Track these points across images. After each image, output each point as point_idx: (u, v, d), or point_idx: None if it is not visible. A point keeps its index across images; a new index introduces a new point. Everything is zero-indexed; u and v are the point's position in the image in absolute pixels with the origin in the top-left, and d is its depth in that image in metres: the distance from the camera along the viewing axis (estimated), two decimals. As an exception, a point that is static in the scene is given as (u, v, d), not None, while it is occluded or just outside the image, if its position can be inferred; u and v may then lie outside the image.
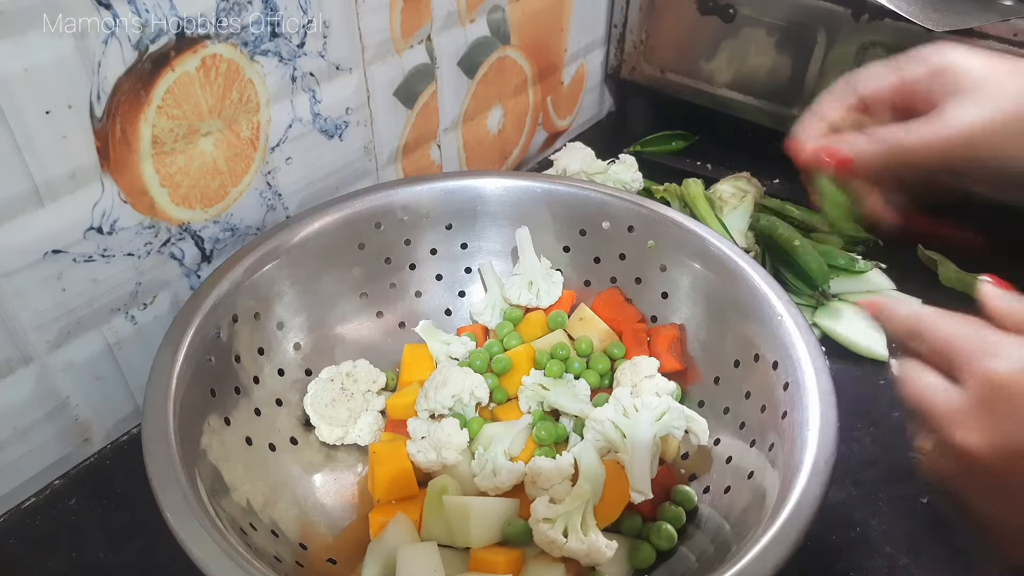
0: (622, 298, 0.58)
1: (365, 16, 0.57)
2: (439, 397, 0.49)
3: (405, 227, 0.57)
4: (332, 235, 0.53)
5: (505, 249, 0.59)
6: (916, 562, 0.48)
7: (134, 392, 0.54)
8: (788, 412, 0.42)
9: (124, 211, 0.47)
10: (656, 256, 0.55)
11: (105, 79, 0.43)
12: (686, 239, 0.53)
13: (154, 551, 0.47)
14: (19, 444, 0.48)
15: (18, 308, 0.44)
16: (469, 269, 0.60)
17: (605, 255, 0.58)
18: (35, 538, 0.48)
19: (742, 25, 0.78)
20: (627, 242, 0.56)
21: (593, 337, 0.56)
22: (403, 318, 0.58)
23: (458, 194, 0.57)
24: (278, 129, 0.55)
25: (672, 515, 0.46)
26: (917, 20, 0.63)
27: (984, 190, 0.40)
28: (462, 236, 0.59)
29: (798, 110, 0.78)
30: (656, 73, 0.87)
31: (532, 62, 0.78)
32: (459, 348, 0.55)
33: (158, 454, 0.37)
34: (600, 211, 0.56)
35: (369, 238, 0.55)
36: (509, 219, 0.58)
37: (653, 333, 0.55)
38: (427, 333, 0.56)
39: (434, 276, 0.59)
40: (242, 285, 0.48)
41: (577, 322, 0.57)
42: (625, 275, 0.57)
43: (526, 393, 0.52)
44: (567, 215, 0.58)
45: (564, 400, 0.51)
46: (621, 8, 0.86)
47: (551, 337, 0.56)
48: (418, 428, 0.49)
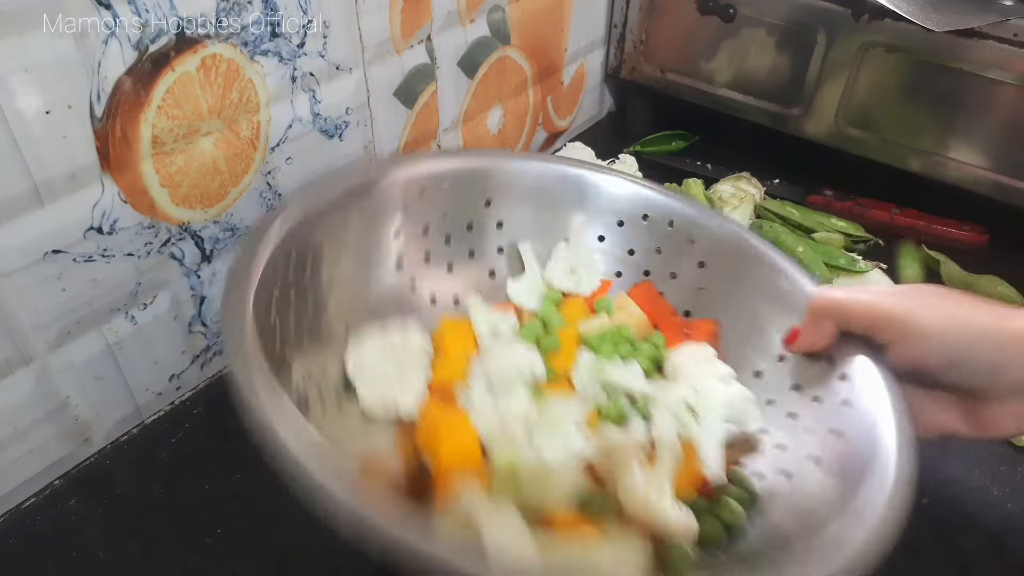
0: (655, 292, 0.58)
1: (365, 16, 0.57)
2: (502, 370, 0.49)
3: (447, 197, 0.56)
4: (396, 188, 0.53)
5: (541, 234, 0.59)
6: (916, 562, 0.48)
7: (134, 392, 0.54)
8: (848, 401, 0.42)
9: (124, 211, 0.47)
10: (695, 252, 0.56)
11: (105, 79, 0.43)
12: (727, 238, 0.54)
13: (154, 551, 0.47)
14: (19, 444, 0.48)
15: (18, 308, 0.44)
16: (501, 249, 0.59)
17: (640, 248, 0.58)
18: (35, 538, 0.48)
19: (742, 25, 0.78)
20: (665, 237, 0.57)
21: (632, 325, 0.56)
22: (434, 291, 0.57)
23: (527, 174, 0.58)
24: (278, 129, 0.55)
25: (736, 495, 0.46)
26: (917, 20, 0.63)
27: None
28: (499, 214, 0.58)
29: (798, 110, 0.79)
30: (656, 73, 0.87)
31: (532, 62, 0.78)
32: (505, 326, 0.55)
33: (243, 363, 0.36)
34: (643, 204, 0.57)
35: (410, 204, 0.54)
36: (546, 202, 0.58)
37: (690, 327, 0.56)
38: (475, 309, 0.55)
39: (467, 252, 0.58)
40: (296, 230, 0.46)
41: (618, 310, 0.57)
42: (660, 269, 0.58)
43: (581, 373, 0.52)
44: (607, 206, 0.58)
45: (626, 379, 0.51)
46: (621, 8, 0.86)
47: (597, 321, 0.56)
48: (480, 400, 0.48)
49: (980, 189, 0.70)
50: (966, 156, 0.70)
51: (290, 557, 0.47)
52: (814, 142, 0.78)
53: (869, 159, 0.76)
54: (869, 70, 0.72)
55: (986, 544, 0.49)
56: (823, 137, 0.78)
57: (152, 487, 0.51)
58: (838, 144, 0.77)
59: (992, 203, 0.70)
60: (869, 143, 0.75)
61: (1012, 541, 0.49)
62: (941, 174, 0.72)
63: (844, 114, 0.75)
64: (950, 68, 0.67)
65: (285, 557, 0.47)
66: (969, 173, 0.70)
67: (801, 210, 0.76)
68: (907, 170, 0.74)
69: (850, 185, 0.79)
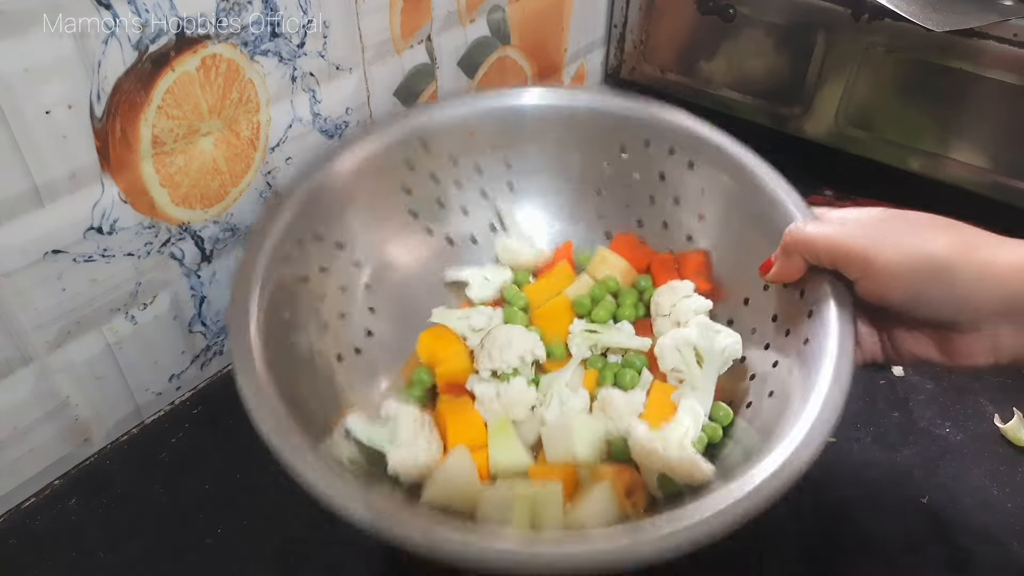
0: (636, 241, 0.59)
1: (365, 16, 0.57)
2: (506, 357, 0.50)
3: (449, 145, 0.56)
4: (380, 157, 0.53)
5: (547, 167, 0.59)
6: (916, 562, 0.48)
7: (134, 392, 0.54)
8: (809, 339, 0.43)
9: (124, 211, 0.47)
10: (695, 179, 0.55)
11: (105, 79, 0.43)
12: (725, 162, 0.54)
13: (154, 551, 0.47)
14: (19, 444, 0.48)
15: (18, 308, 0.44)
16: (511, 185, 0.59)
17: (644, 174, 0.58)
18: (35, 538, 0.48)
19: (742, 25, 0.78)
20: (667, 163, 0.56)
21: (616, 275, 0.57)
22: (450, 234, 0.58)
23: (498, 112, 0.57)
24: (278, 129, 0.55)
25: (720, 415, 0.48)
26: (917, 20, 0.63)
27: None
28: (504, 154, 0.58)
29: (798, 110, 0.79)
30: (656, 73, 0.87)
31: (532, 62, 0.78)
32: (480, 319, 0.55)
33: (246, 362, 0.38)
34: (644, 128, 0.56)
35: (418, 157, 0.55)
36: (550, 138, 0.58)
37: (681, 260, 0.57)
38: (442, 316, 0.55)
39: (480, 193, 0.59)
40: (302, 211, 0.48)
41: (599, 264, 0.58)
42: (663, 196, 0.57)
43: (576, 340, 0.53)
44: (607, 136, 0.57)
45: (619, 338, 0.53)
46: (621, 8, 0.86)
47: (579, 284, 0.57)
48: (486, 388, 0.49)
49: (980, 189, 0.70)
50: (966, 156, 0.70)
51: (290, 557, 0.47)
52: (814, 142, 0.78)
53: (869, 159, 0.76)
54: (869, 70, 0.72)
55: (986, 544, 0.49)
56: (823, 137, 0.78)
57: (152, 487, 0.51)
58: (838, 144, 0.77)
59: (992, 203, 0.70)
60: (869, 143, 0.75)
61: (1012, 541, 0.49)
62: (941, 174, 0.72)
63: (844, 114, 0.75)
64: (950, 68, 0.67)
65: (285, 557, 0.47)
66: (969, 173, 0.70)
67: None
68: (907, 170, 0.74)
69: (850, 185, 0.79)
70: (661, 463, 0.44)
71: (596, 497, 0.43)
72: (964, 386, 0.60)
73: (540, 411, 0.50)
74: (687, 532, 0.33)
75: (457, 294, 0.58)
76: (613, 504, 0.43)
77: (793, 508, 0.50)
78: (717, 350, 0.49)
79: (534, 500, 0.43)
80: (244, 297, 0.42)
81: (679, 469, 0.43)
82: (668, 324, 0.53)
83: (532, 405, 0.49)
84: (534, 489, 0.43)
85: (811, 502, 0.51)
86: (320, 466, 0.35)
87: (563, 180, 0.60)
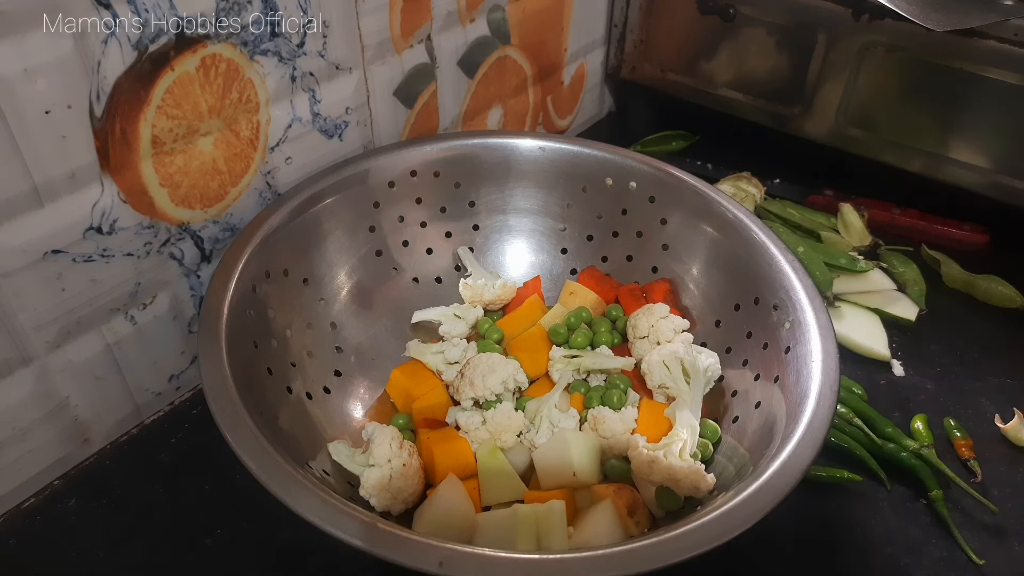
0: (601, 274, 0.61)
1: (365, 16, 0.57)
2: (489, 384, 0.50)
3: (414, 187, 0.59)
4: (342, 200, 0.56)
5: (511, 207, 0.62)
6: (916, 562, 0.48)
7: (134, 392, 0.54)
8: (791, 347, 0.45)
9: (124, 211, 0.47)
10: (656, 210, 0.59)
11: (105, 79, 0.43)
12: (685, 195, 0.57)
13: (154, 551, 0.47)
14: (19, 444, 0.48)
15: (18, 308, 0.44)
16: (477, 226, 0.62)
17: (607, 212, 0.61)
18: (35, 538, 0.48)
19: (742, 25, 0.78)
20: (630, 199, 0.60)
21: (588, 306, 0.59)
22: (416, 274, 0.60)
23: (466, 155, 0.60)
24: (278, 129, 0.55)
25: (708, 432, 0.49)
26: (917, 20, 0.63)
27: None
28: (470, 195, 0.61)
29: (798, 110, 0.79)
30: (656, 73, 0.87)
31: (532, 62, 0.78)
32: (455, 352, 0.55)
33: (223, 401, 0.41)
34: (602, 169, 0.60)
35: (384, 197, 0.58)
36: (527, 179, 0.61)
37: (648, 289, 0.59)
38: (417, 351, 0.56)
39: (444, 234, 0.61)
40: (268, 243, 0.50)
41: (568, 296, 0.60)
42: (627, 229, 0.61)
43: (557, 366, 0.54)
44: (569, 173, 0.61)
45: (600, 360, 0.54)
46: (621, 8, 0.86)
47: (552, 315, 0.59)
48: (471, 418, 0.50)
49: (980, 189, 0.70)
50: (966, 156, 0.70)
51: (290, 557, 0.47)
52: (814, 142, 0.78)
53: (869, 159, 0.76)
54: (869, 70, 0.72)
55: (986, 544, 0.49)
56: (823, 137, 0.78)
57: (152, 487, 0.51)
58: (838, 144, 0.77)
59: (992, 203, 0.70)
60: (869, 143, 0.75)
61: (1012, 541, 0.49)
62: (941, 174, 0.72)
63: (844, 114, 0.75)
64: (950, 68, 0.67)
65: (285, 557, 0.47)
66: (969, 173, 0.70)
67: (801, 210, 0.76)
68: (907, 170, 0.74)
69: (850, 185, 0.79)
70: (664, 475, 0.43)
71: (598, 518, 0.43)
72: (964, 386, 0.60)
73: (529, 436, 0.49)
74: (728, 524, 0.35)
75: (422, 335, 0.59)
76: (616, 523, 0.43)
77: (793, 508, 0.50)
78: (701, 368, 0.50)
79: (537, 520, 0.42)
80: (213, 329, 0.43)
81: (684, 480, 0.43)
82: (647, 345, 0.54)
83: (520, 431, 0.49)
84: (537, 510, 0.43)
85: (811, 502, 0.51)
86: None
87: (528, 219, 0.63)
